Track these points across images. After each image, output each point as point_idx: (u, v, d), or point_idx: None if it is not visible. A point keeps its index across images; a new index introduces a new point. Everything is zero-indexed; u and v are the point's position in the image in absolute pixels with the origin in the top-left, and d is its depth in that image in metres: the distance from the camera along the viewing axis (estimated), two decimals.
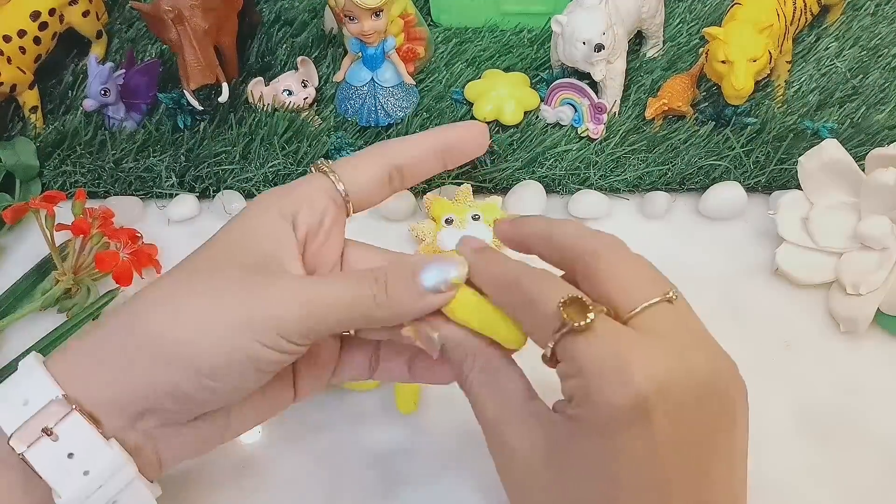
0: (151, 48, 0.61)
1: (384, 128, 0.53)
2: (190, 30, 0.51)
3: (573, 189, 0.51)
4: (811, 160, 0.46)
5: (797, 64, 0.56)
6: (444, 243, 0.47)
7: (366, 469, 0.40)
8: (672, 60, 0.57)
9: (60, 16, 0.57)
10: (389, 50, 0.52)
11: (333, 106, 0.55)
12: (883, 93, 0.54)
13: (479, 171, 0.51)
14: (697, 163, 0.50)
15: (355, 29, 0.50)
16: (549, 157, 0.51)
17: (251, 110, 0.55)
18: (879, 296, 0.44)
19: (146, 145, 0.53)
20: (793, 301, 0.46)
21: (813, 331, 0.45)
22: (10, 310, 0.47)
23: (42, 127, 0.56)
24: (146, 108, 0.56)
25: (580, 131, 0.52)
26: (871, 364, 0.43)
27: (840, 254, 0.46)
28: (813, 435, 0.40)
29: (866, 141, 0.51)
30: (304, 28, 0.61)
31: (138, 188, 0.53)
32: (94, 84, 0.53)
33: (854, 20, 0.59)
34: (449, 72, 0.57)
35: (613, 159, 0.51)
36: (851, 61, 0.56)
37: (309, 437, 0.41)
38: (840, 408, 0.41)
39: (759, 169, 0.50)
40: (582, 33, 0.49)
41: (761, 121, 0.52)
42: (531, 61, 0.58)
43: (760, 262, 0.48)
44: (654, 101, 0.52)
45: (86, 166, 0.53)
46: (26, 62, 0.55)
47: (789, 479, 0.39)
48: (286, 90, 0.55)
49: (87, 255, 0.47)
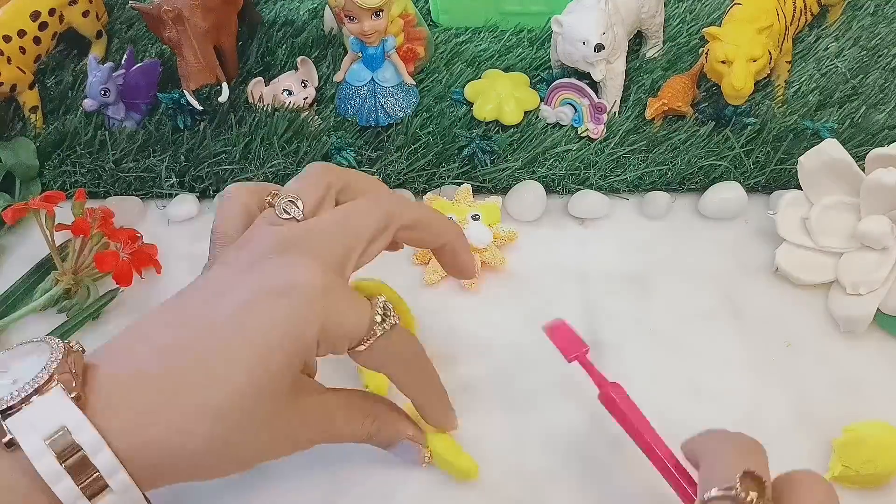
0: (151, 48, 0.61)
1: (384, 128, 0.54)
2: (190, 30, 0.51)
3: (573, 189, 0.51)
4: (811, 160, 0.46)
5: (797, 64, 0.56)
6: None
7: (366, 469, 0.40)
8: (672, 60, 0.57)
9: (60, 16, 0.57)
10: (389, 50, 0.52)
11: (333, 106, 0.55)
12: (883, 93, 0.54)
13: (479, 171, 0.51)
14: (697, 163, 0.51)
15: (355, 29, 0.50)
16: (549, 157, 0.51)
17: (251, 110, 0.55)
18: (879, 296, 0.44)
19: (146, 145, 0.53)
20: (793, 301, 0.46)
21: (813, 331, 0.45)
22: (10, 310, 0.47)
23: (42, 127, 0.56)
24: (146, 108, 0.56)
25: (580, 131, 0.52)
26: (871, 364, 0.43)
27: (840, 254, 0.46)
28: (813, 435, 0.40)
29: (866, 141, 0.51)
30: (304, 28, 0.62)
31: (138, 188, 0.53)
32: (94, 84, 0.53)
33: (854, 20, 0.59)
34: (449, 72, 0.57)
35: (613, 159, 0.51)
36: (851, 61, 0.56)
37: None
38: (840, 408, 0.41)
39: (759, 169, 0.50)
40: (582, 33, 0.49)
41: (761, 121, 0.52)
42: (531, 61, 0.58)
43: (760, 262, 0.48)
44: (654, 101, 0.52)
45: (86, 166, 0.53)
46: (26, 62, 0.55)
47: None
48: (286, 90, 0.55)
49: (87, 255, 0.47)
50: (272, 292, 0.32)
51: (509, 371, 0.43)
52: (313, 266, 0.33)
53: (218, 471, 0.33)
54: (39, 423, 0.28)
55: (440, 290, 0.47)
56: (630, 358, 0.44)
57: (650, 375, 0.43)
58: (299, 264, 0.33)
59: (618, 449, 0.40)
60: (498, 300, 0.47)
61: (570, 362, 0.37)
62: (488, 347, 0.45)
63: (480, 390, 0.43)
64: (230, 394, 0.31)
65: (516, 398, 0.42)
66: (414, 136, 0.53)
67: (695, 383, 0.43)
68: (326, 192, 0.37)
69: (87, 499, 0.29)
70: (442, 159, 0.52)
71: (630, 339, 0.45)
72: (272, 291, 0.32)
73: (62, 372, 0.29)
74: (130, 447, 0.29)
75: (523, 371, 0.43)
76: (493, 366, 0.44)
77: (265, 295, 0.32)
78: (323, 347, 0.33)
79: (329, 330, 0.32)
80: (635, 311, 0.46)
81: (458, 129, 0.53)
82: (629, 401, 0.36)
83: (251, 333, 0.31)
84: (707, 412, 0.41)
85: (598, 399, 0.36)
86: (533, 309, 0.46)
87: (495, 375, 0.43)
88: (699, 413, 0.41)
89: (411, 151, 0.52)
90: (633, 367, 0.43)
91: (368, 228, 0.35)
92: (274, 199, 0.36)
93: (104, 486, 0.29)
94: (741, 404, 0.42)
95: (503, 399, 0.42)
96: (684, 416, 0.41)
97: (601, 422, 0.41)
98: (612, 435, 0.41)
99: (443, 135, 0.53)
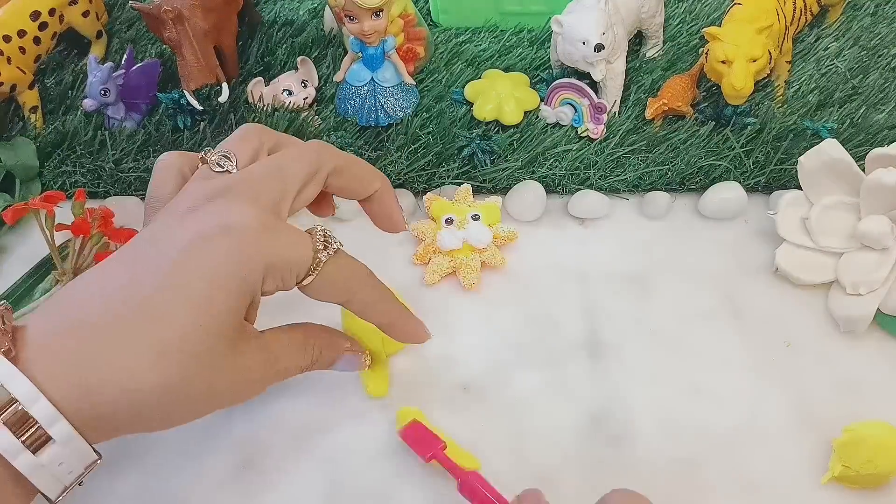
0: (151, 48, 0.61)
1: (384, 128, 0.54)
2: (190, 30, 0.51)
3: (573, 189, 0.51)
4: (811, 160, 0.46)
5: (797, 64, 0.56)
6: (444, 243, 0.47)
7: (366, 469, 0.40)
8: (672, 60, 0.57)
9: (60, 16, 0.57)
10: (389, 50, 0.52)
11: (333, 106, 0.55)
12: (883, 93, 0.54)
13: (479, 171, 0.51)
14: (697, 163, 0.50)
15: (355, 29, 0.50)
16: (549, 157, 0.51)
17: (251, 110, 0.55)
18: (879, 296, 0.44)
19: (146, 145, 0.53)
20: (793, 301, 0.46)
21: (813, 331, 0.45)
22: None
23: (42, 127, 0.56)
24: (146, 108, 0.56)
25: (580, 131, 0.52)
26: (871, 364, 0.43)
27: (840, 254, 0.46)
28: (813, 435, 0.40)
29: (866, 141, 0.51)
30: (304, 28, 0.62)
31: (138, 188, 0.53)
32: (94, 84, 0.53)
33: (854, 20, 0.59)
34: (449, 72, 0.57)
35: (613, 159, 0.51)
36: (851, 61, 0.56)
37: (309, 437, 0.41)
38: (840, 408, 0.41)
39: (759, 169, 0.50)
40: (582, 33, 0.49)
41: (761, 121, 0.52)
42: (531, 61, 0.58)
43: (760, 262, 0.48)
44: (654, 101, 0.52)
45: (86, 166, 0.53)
46: (26, 62, 0.55)
47: (789, 479, 0.39)
48: (286, 90, 0.55)
49: (87, 255, 0.47)
50: (210, 234, 0.32)
51: (509, 371, 0.43)
52: (247, 207, 0.33)
53: (168, 418, 0.33)
54: None
55: (440, 290, 0.47)
56: (630, 358, 0.44)
57: (650, 375, 0.43)
58: (234, 207, 0.33)
59: (618, 449, 0.40)
60: (498, 300, 0.47)
61: (428, 462, 0.39)
62: (488, 347, 0.45)
63: (480, 390, 0.43)
64: (175, 334, 0.30)
65: (516, 398, 0.42)
66: (414, 136, 0.53)
67: (695, 383, 0.43)
68: (260, 147, 0.37)
69: (31, 452, 0.29)
70: (442, 159, 0.52)
71: (630, 339, 0.45)
72: (210, 234, 0.32)
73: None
74: (70, 396, 0.29)
75: (523, 371, 0.43)
76: (493, 366, 0.44)
77: (203, 238, 0.32)
78: (270, 283, 0.33)
79: (273, 264, 0.33)
80: (635, 311, 0.46)
81: (458, 129, 0.53)
82: (490, 487, 0.37)
83: (193, 275, 0.31)
84: (707, 412, 0.41)
85: (457, 490, 0.37)
86: (533, 309, 0.46)
87: (495, 375, 0.43)
88: (699, 413, 0.41)
89: (411, 151, 0.52)
90: (633, 367, 0.43)
91: (299, 173, 0.36)
92: (206, 156, 0.36)
93: (46, 437, 0.29)
94: (741, 404, 0.42)
95: (503, 399, 0.42)
96: (684, 416, 0.41)
97: (601, 422, 0.41)
98: (613, 435, 0.41)
99: (443, 135, 0.53)
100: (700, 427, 0.41)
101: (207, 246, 0.32)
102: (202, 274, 0.31)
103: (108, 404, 0.30)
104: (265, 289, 0.33)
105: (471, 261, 0.47)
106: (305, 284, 0.35)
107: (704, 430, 0.41)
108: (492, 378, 0.43)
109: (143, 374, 0.30)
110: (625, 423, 0.41)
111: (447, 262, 0.47)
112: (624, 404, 0.42)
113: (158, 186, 0.37)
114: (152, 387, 0.30)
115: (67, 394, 0.29)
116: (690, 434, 0.41)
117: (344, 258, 0.36)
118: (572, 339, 0.45)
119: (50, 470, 0.29)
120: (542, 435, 0.41)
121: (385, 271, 0.38)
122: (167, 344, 0.30)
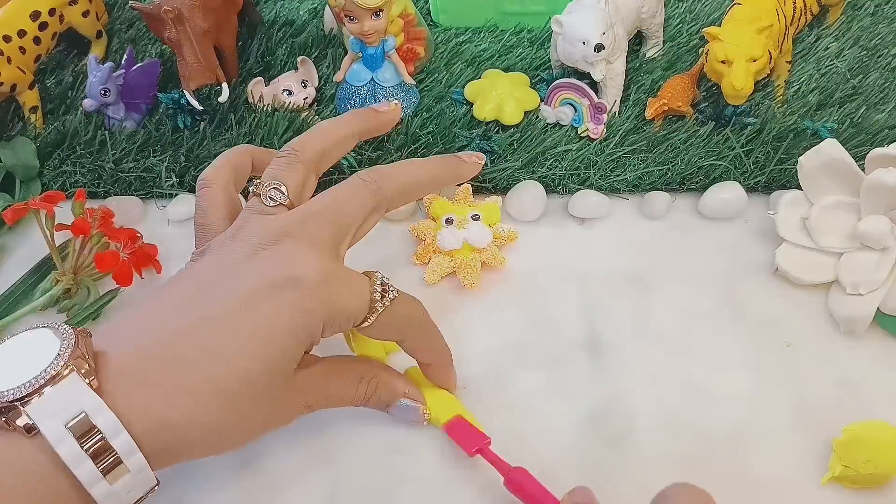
0: (151, 48, 0.61)
1: None
2: (190, 30, 0.51)
3: (573, 189, 0.51)
4: (811, 160, 0.46)
5: (797, 64, 0.56)
6: (444, 243, 0.47)
7: (366, 469, 0.40)
8: (672, 60, 0.57)
9: (60, 16, 0.57)
10: (389, 50, 0.52)
11: (333, 106, 0.55)
12: (883, 93, 0.54)
13: (479, 171, 0.51)
14: (697, 163, 0.50)
15: (355, 29, 0.50)
16: (549, 157, 0.51)
17: (251, 110, 0.55)
18: (879, 296, 0.44)
19: (146, 145, 0.53)
20: (793, 301, 0.46)
21: (813, 331, 0.45)
22: (10, 310, 0.47)
23: (42, 127, 0.56)
24: (146, 108, 0.56)
25: (580, 131, 0.52)
26: (871, 364, 0.43)
27: (840, 254, 0.46)
28: (813, 435, 0.40)
29: (866, 141, 0.51)
30: (304, 28, 0.62)
31: (138, 188, 0.53)
32: (94, 84, 0.53)
33: (854, 20, 0.59)
34: (449, 72, 0.57)
35: (613, 159, 0.51)
36: (851, 61, 0.56)
37: (309, 437, 0.41)
38: (840, 408, 0.41)
39: (759, 169, 0.50)
40: (582, 33, 0.49)
41: (761, 121, 0.52)
42: (531, 61, 0.58)
43: (760, 262, 0.48)
44: (654, 101, 0.52)
45: (86, 166, 0.53)
46: (26, 62, 0.55)
47: (789, 479, 0.39)
48: (286, 90, 0.55)
49: (87, 255, 0.47)
50: (276, 283, 0.34)
51: (509, 371, 0.43)
52: (311, 254, 0.35)
53: (220, 448, 0.34)
54: (59, 409, 0.29)
55: (440, 290, 0.47)
56: (630, 358, 0.44)
57: (650, 375, 0.43)
58: (298, 253, 0.35)
59: (618, 449, 0.40)
60: (498, 300, 0.47)
61: (473, 456, 0.39)
62: (488, 347, 0.45)
63: (480, 390, 0.43)
64: (240, 377, 0.32)
65: (516, 398, 0.42)
66: (414, 136, 0.53)
67: (695, 383, 0.43)
68: (306, 173, 0.39)
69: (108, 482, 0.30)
70: None
71: (630, 339, 0.45)
72: (276, 283, 0.34)
73: (76, 357, 0.30)
74: (145, 429, 0.31)
75: (523, 371, 0.43)
76: (493, 366, 0.44)
77: (269, 286, 0.34)
78: (328, 331, 0.35)
79: (333, 316, 0.34)
80: (635, 311, 0.46)
81: (458, 129, 0.53)
82: (537, 483, 0.37)
83: (260, 321, 0.33)
84: (707, 412, 0.41)
85: (503, 486, 0.37)
86: (533, 309, 0.46)
87: (495, 375, 0.43)
88: (699, 413, 0.41)
89: (411, 151, 0.52)
90: (633, 367, 0.43)
91: (357, 213, 0.38)
92: (258, 188, 0.38)
93: (124, 468, 0.30)
94: (741, 404, 0.42)
95: (503, 399, 0.42)
96: (684, 415, 0.41)
97: (601, 422, 0.41)
98: (613, 435, 0.41)
99: (443, 135, 0.53)
100: (700, 427, 0.41)
101: (274, 296, 0.33)
102: (267, 323, 0.33)
103: (175, 439, 0.32)
104: (323, 335, 0.35)
105: (471, 261, 0.47)
106: (361, 327, 0.36)
107: (704, 430, 0.41)
108: (491, 378, 0.43)
109: (210, 416, 0.32)
110: (625, 423, 0.41)
111: (447, 262, 0.47)
112: (624, 404, 0.42)
113: (206, 213, 0.39)
114: (215, 427, 0.32)
115: (143, 428, 0.31)
116: (690, 434, 0.41)
117: (400, 306, 0.37)
118: (572, 339, 0.45)
119: (119, 497, 0.31)
120: (542, 435, 0.41)
121: (385, 271, 0.38)
122: (234, 389, 0.33)
